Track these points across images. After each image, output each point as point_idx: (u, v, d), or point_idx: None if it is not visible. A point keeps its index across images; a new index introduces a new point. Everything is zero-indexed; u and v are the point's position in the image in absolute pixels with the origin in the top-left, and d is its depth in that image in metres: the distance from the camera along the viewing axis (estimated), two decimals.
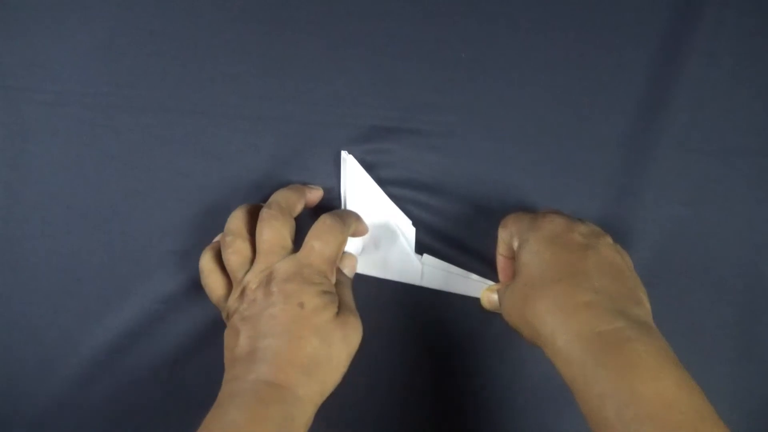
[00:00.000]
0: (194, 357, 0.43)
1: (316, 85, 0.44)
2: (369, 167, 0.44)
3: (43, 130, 0.43)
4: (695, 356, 0.43)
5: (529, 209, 0.43)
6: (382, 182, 0.44)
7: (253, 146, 0.44)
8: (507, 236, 0.39)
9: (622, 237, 0.43)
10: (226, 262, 0.39)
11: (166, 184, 0.44)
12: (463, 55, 0.44)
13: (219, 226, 0.43)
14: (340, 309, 0.37)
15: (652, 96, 0.44)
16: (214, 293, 0.39)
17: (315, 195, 0.42)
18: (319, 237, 0.38)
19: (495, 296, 0.40)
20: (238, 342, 0.36)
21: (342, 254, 0.41)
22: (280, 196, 0.40)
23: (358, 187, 0.43)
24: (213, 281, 0.39)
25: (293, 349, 0.34)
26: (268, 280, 0.37)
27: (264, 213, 0.39)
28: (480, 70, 0.44)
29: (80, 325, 0.43)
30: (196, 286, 0.43)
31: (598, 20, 0.44)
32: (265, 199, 0.43)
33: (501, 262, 0.41)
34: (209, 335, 0.43)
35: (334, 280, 0.38)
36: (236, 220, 0.40)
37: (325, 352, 0.35)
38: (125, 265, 0.43)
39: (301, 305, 0.35)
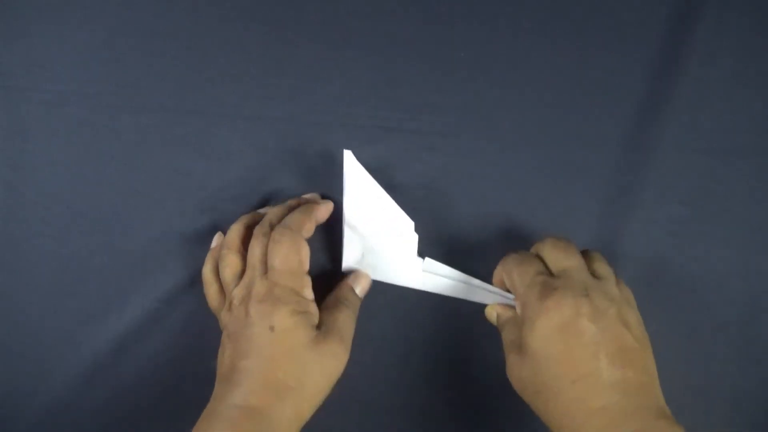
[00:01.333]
0: (194, 357, 0.43)
1: (316, 85, 0.44)
2: (368, 168, 0.44)
3: (43, 130, 0.44)
4: (695, 356, 0.43)
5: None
6: (381, 183, 0.44)
7: (253, 146, 0.44)
8: (508, 283, 0.38)
9: (621, 237, 0.43)
10: (221, 275, 0.39)
11: (166, 184, 0.44)
12: (462, 55, 0.44)
13: (219, 227, 0.43)
14: (322, 331, 0.37)
15: (652, 96, 0.44)
16: (211, 304, 0.40)
17: (325, 211, 0.42)
18: (275, 255, 0.37)
19: (494, 314, 0.40)
20: (223, 359, 0.36)
21: (354, 273, 0.42)
22: (282, 218, 0.39)
23: (358, 187, 0.42)
24: (211, 292, 0.40)
25: (265, 372, 0.35)
26: (246, 298, 0.37)
27: (275, 234, 0.38)
28: (480, 70, 0.44)
29: (80, 325, 0.43)
30: (196, 286, 0.43)
31: (598, 20, 0.44)
32: (264, 200, 0.43)
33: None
34: (209, 335, 0.43)
35: (310, 296, 0.38)
36: (233, 233, 0.40)
37: (297, 377, 0.35)
38: (125, 265, 0.44)
39: (272, 328, 0.35)
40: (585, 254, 0.38)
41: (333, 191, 0.44)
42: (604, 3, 0.44)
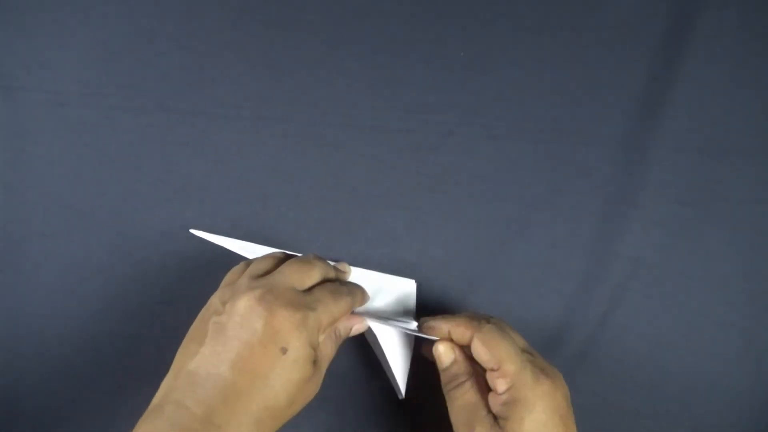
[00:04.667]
0: None
1: (316, 85, 0.44)
2: (368, 168, 0.44)
3: (43, 130, 0.44)
4: (695, 356, 0.43)
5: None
6: (381, 183, 0.44)
7: (253, 146, 0.44)
8: (486, 356, 0.34)
9: (621, 237, 0.43)
10: (259, 260, 0.37)
11: (166, 184, 0.44)
12: (462, 54, 0.44)
13: (218, 227, 0.43)
14: (313, 366, 0.34)
15: (652, 96, 0.44)
16: (228, 277, 0.38)
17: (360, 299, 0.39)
18: (334, 294, 0.36)
19: (445, 358, 0.37)
20: (200, 351, 0.32)
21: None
22: (328, 307, 0.35)
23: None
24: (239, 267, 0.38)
25: (257, 396, 0.31)
26: (261, 296, 0.33)
27: (350, 285, 0.38)
28: (479, 69, 0.44)
29: (80, 325, 0.43)
30: (196, 286, 0.43)
31: (598, 20, 0.44)
32: (264, 200, 0.43)
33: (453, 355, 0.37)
34: None
35: (322, 339, 0.35)
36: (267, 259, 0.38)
37: (285, 409, 0.33)
38: (125, 265, 0.44)
39: (284, 350, 0.32)
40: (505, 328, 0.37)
41: (332, 191, 0.44)
42: (604, 3, 0.44)
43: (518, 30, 0.44)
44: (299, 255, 0.40)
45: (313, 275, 0.36)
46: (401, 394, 0.40)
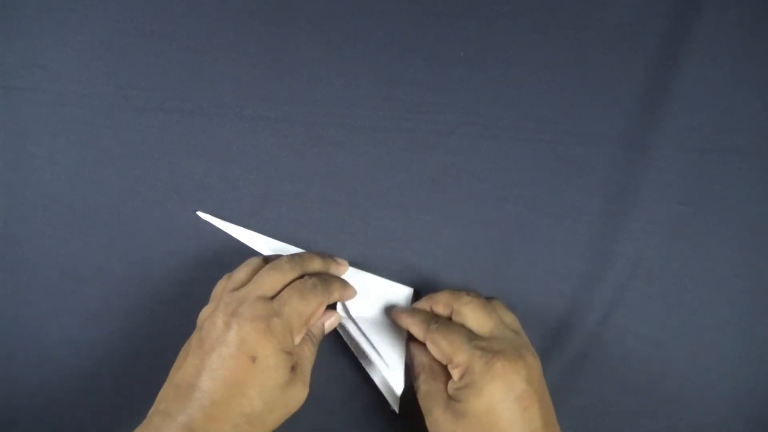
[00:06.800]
0: None
1: (316, 85, 0.44)
2: (368, 168, 0.44)
3: (43, 130, 0.44)
4: (696, 356, 0.43)
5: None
6: (381, 183, 0.44)
7: (253, 146, 0.44)
8: (437, 353, 0.37)
9: (621, 237, 0.43)
10: (235, 272, 0.39)
11: (166, 184, 0.44)
12: (462, 54, 0.44)
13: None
14: (293, 371, 0.36)
15: (652, 95, 0.44)
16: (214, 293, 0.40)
17: (347, 293, 0.41)
18: (301, 292, 0.36)
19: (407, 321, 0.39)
20: (183, 365, 0.35)
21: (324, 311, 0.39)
22: (294, 307, 0.36)
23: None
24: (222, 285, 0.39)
25: (232, 404, 0.33)
26: (234, 311, 0.35)
27: (313, 279, 0.38)
28: (479, 69, 0.44)
29: (80, 325, 0.43)
30: (196, 287, 0.43)
31: (598, 19, 0.44)
32: (264, 201, 0.43)
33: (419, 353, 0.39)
34: None
35: (298, 340, 0.37)
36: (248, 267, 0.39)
37: (264, 415, 0.34)
38: (125, 265, 0.44)
39: (254, 359, 0.34)
40: (489, 303, 0.39)
41: (332, 190, 0.44)
42: (604, 2, 0.44)
43: (518, 30, 0.44)
44: (281, 255, 0.40)
45: (285, 280, 0.37)
46: (394, 406, 0.41)
